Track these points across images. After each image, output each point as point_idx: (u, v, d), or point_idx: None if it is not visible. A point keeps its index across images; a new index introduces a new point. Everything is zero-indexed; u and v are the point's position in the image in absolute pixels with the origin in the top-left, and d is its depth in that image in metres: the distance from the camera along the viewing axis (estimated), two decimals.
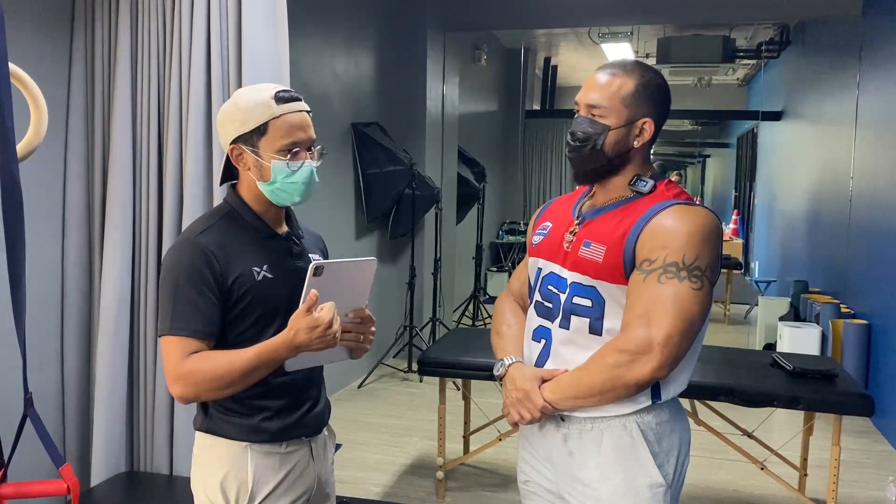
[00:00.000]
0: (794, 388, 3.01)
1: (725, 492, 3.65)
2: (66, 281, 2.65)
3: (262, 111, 1.51)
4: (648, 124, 1.60)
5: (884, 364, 4.67)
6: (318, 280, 1.43)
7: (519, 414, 1.63)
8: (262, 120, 1.51)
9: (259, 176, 1.55)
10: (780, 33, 8.57)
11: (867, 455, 4.24)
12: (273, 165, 1.52)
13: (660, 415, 1.59)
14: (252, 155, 1.53)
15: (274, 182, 1.54)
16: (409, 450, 4.18)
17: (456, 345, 3.65)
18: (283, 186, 1.54)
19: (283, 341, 1.45)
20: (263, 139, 1.52)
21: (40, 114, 1.77)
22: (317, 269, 1.42)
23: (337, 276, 1.46)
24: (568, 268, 1.62)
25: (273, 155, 1.52)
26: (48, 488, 1.64)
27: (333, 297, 1.47)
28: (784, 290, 7.56)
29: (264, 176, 1.54)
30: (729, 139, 14.34)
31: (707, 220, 1.53)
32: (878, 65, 5.12)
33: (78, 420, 2.68)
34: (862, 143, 5.43)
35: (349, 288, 1.52)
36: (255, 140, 1.53)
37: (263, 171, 1.54)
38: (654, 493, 1.57)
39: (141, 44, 2.56)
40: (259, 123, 1.51)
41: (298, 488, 1.63)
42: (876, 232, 4.97)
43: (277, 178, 1.53)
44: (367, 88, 5.66)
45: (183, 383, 1.47)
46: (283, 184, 1.54)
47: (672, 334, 1.47)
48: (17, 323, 1.60)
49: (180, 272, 1.49)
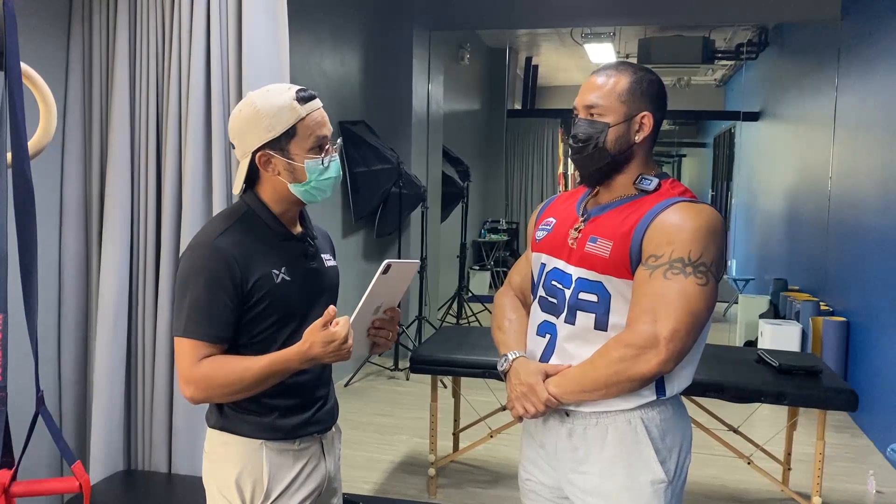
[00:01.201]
0: (781, 384, 3.07)
1: (713, 486, 3.72)
2: (64, 280, 2.63)
3: (289, 115, 1.52)
4: (647, 118, 1.63)
5: (862, 360, 4.77)
6: (384, 277, 1.46)
7: (523, 408, 1.65)
8: (291, 123, 1.52)
9: (292, 178, 1.56)
10: (758, 35, 8.71)
11: (847, 449, 4.33)
12: (307, 166, 1.54)
13: (664, 411, 1.63)
14: (283, 159, 1.54)
15: (308, 182, 1.56)
16: (398, 448, 4.21)
17: (446, 342, 3.68)
18: (318, 185, 1.57)
19: (296, 353, 1.47)
20: (293, 142, 1.53)
21: (49, 112, 1.76)
22: (387, 266, 1.45)
23: (395, 273, 1.49)
24: (573, 263, 1.64)
25: (305, 155, 1.54)
26: (60, 486, 1.64)
27: (384, 294, 1.50)
28: (762, 289, 7.68)
29: (298, 177, 1.56)
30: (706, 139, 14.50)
31: (712, 218, 1.57)
32: (857, 68, 5.23)
33: (75, 419, 2.67)
34: (840, 143, 5.54)
35: (394, 286, 1.54)
36: (284, 144, 1.53)
37: (297, 172, 1.55)
38: (656, 489, 1.60)
39: (140, 42, 2.55)
40: (288, 127, 1.52)
41: (311, 484, 1.65)
42: (854, 231, 5.08)
43: (312, 177, 1.55)
44: (354, 86, 5.67)
45: (194, 387, 1.50)
46: (318, 182, 1.56)
47: (678, 329, 1.50)
48: (28, 321, 1.60)
49: (199, 275, 1.50)
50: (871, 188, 4.79)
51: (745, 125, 9.70)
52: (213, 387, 1.50)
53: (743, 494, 3.66)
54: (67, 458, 1.65)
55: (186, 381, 1.51)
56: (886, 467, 4.03)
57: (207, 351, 1.50)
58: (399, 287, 1.56)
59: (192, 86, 2.47)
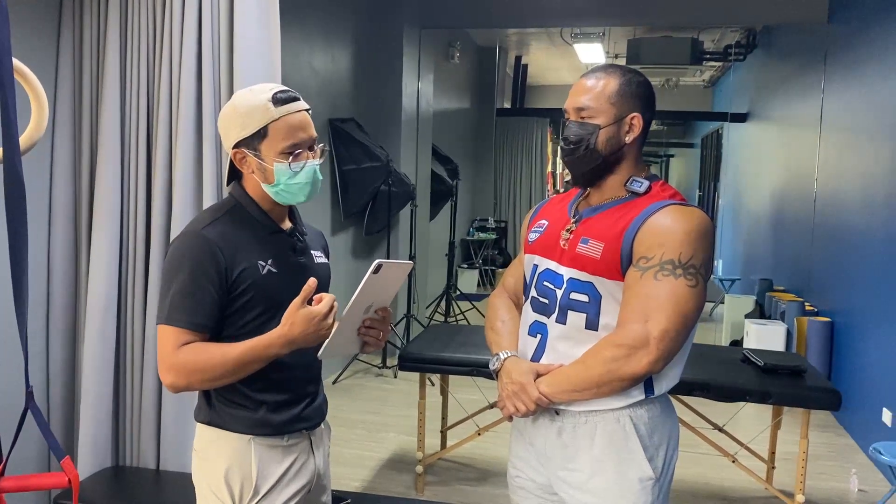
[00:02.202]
0: (766, 384, 3.11)
1: (697, 484, 3.76)
2: (52, 275, 2.62)
3: (261, 115, 1.52)
4: (637, 119, 1.65)
5: (846, 360, 4.83)
6: (375, 277, 1.46)
7: (514, 406, 1.66)
8: (262, 124, 1.52)
9: (263, 178, 1.57)
10: (746, 37, 8.77)
11: (830, 448, 4.38)
12: (276, 168, 1.54)
13: (652, 409, 1.65)
14: (254, 158, 1.55)
15: (277, 184, 1.56)
16: (386, 445, 4.22)
17: (435, 341, 3.69)
18: (286, 188, 1.56)
19: (277, 335, 1.48)
20: (264, 142, 1.53)
21: (41, 107, 1.76)
22: (378, 266, 1.45)
23: (386, 273, 1.49)
24: (565, 264, 1.67)
25: (275, 157, 1.54)
26: (49, 481, 1.65)
27: (375, 293, 1.51)
28: (748, 289, 7.74)
29: (268, 178, 1.56)
30: (693, 139, 14.59)
31: (701, 221, 1.59)
32: (843, 70, 5.28)
33: (63, 416, 2.66)
34: (826, 145, 5.59)
35: (385, 286, 1.55)
36: (256, 143, 1.54)
37: (266, 173, 1.56)
38: (644, 485, 1.63)
39: (131, 38, 2.54)
40: (259, 127, 1.52)
41: (300, 481, 1.65)
42: (839, 232, 5.13)
43: (280, 180, 1.55)
44: (344, 84, 5.67)
45: (174, 373, 1.49)
46: (286, 185, 1.56)
47: (668, 329, 1.52)
48: (18, 316, 1.60)
49: (183, 263, 1.51)
50: (856, 190, 4.84)
51: (733, 126, 9.77)
52: (192, 372, 1.49)
53: (727, 492, 3.69)
54: (57, 453, 1.65)
55: (166, 367, 1.50)
56: (869, 466, 4.08)
57: (188, 338, 1.50)
58: (391, 287, 1.57)
59: (184, 82, 2.46)
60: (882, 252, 4.26)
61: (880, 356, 4.23)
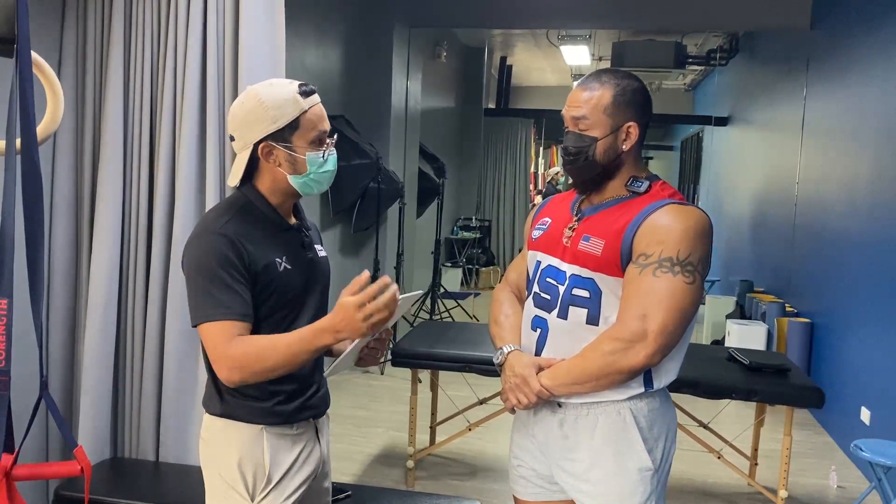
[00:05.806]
0: (752, 382, 3.18)
1: (682, 480, 3.83)
2: (54, 267, 2.61)
3: (293, 107, 1.57)
4: (633, 128, 1.71)
5: (825, 361, 4.94)
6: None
7: (516, 398, 1.72)
8: (294, 115, 1.57)
9: (292, 170, 1.60)
10: (729, 42, 8.90)
11: (810, 446, 4.48)
12: (308, 158, 1.59)
13: (651, 402, 1.71)
14: (285, 150, 1.58)
15: (308, 174, 1.60)
16: (375, 440, 4.25)
17: (426, 337, 3.74)
18: (316, 177, 1.61)
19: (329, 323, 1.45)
20: (296, 134, 1.58)
21: (57, 99, 1.78)
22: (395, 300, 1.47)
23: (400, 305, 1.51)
24: (567, 261, 1.72)
25: (307, 147, 1.59)
26: (61, 470, 1.67)
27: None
28: (728, 290, 7.86)
29: (298, 169, 1.60)
30: (673, 142, 14.74)
31: (700, 219, 1.66)
32: (825, 76, 5.39)
33: (63, 407, 2.66)
34: (808, 150, 5.71)
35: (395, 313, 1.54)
36: (287, 136, 1.57)
37: (298, 164, 1.59)
38: (643, 476, 1.69)
39: (134, 36, 2.53)
40: (291, 119, 1.56)
41: (308, 468, 1.69)
42: (820, 235, 5.24)
43: (312, 169, 1.60)
44: (335, 81, 5.69)
45: (232, 366, 1.48)
46: (316, 174, 1.61)
47: (666, 324, 1.59)
48: (34, 307, 1.62)
49: (212, 260, 1.52)
50: (836, 194, 4.95)
51: (714, 129, 9.90)
52: (250, 364, 1.47)
53: (712, 488, 3.77)
54: (69, 442, 1.67)
55: (222, 362, 1.48)
56: (847, 463, 4.18)
57: (238, 330, 1.50)
58: (398, 313, 1.58)
59: (188, 79, 2.47)
60: (861, 255, 4.37)
61: (859, 356, 4.33)
